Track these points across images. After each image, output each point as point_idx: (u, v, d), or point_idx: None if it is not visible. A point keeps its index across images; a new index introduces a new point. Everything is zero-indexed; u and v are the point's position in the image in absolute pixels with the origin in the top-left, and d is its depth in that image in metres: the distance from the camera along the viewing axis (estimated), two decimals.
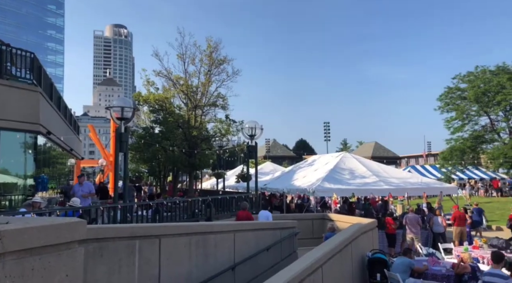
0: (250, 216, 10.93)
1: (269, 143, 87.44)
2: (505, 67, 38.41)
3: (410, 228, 13.84)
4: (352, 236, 8.62)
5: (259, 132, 12.79)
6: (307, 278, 6.17)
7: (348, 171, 16.14)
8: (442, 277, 8.26)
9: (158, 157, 20.67)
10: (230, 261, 7.50)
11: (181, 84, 19.22)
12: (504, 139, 39.36)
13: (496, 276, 6.18)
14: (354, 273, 8.43)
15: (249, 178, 13.82)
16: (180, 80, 19.41)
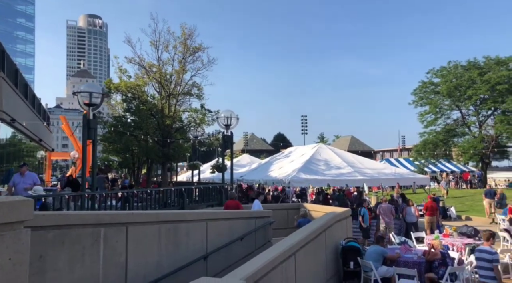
0: (239, 205, 10.99)
1: (247, 136, 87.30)
2: (476, 62, 39.51)
3: (384, 217, 14.03)
4: (326, 224, 8.59)
5: (234, 122, 12.60)
6: (279, 266, 6.08)
7: (323, 162, 16.20)
8: (414, 264, 8.36)
9: (131, 147, 20.15)
10: (203, 250, 7.34)
11: (154, 71, 18.72)
12: (474, 133, 40.62)
13: (485, 252, 6.95)
14: (328, 261, 8.42)
15: (225, 168, 13.64)
16: (153, 67, 18.90)
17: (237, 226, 8.77)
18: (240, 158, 27.64)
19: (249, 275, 5.14)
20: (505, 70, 36.66)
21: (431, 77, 42.48)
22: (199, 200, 11.37)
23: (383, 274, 8.37)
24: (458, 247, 10.29)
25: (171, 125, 17.98)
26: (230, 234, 8.33)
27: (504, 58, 38.18)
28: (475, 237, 11.05)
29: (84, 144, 8.53)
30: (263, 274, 5.55)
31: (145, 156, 20.05)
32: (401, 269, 8.10)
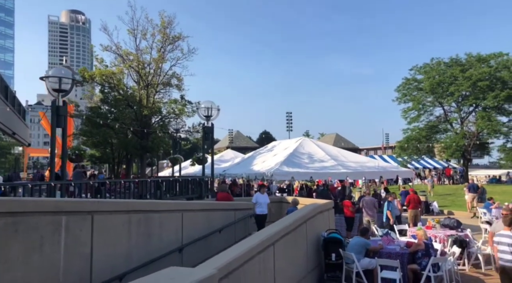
0: (230, 197, 10.89)
1: (232, 133, 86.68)
2: (458, 59, 39.95)
3: (367, 210, 13.88)
4: (308, 215, 8.34)
5: (215, 113, 12.24)
6: (256, 256, 5.77)
7: (307, 155, 15.98)
8: (396, 255, 8.18)
9: (110, 140, 19.48)
10: (178, 242, 7.00)
11: (130, 59, 18.11)
12: (456, 130, 41.10)
13: (506, 237, 6.86)
14: (309, 253, 8.16)
15: (205, 161, 13.27)
16: (130, 55, 18.28)
17: (215, 217, 8.45)
18: (224, 153, 27.25)
19: (223, 265, 4.83)
20: (486, 67, 37.15)
21: (414, 74, 42.81)
22: (178, 193, 10.98)
23: (366, 266, 8.16)
24: (440, 239, 10.18)
25: (149, 116, 17.41)
26: (207, 226, 8.01)
27: (485, 56, 38.70)
28: (458, 229, 10.96)
29: (53, 132, 8.04)
30: (239, 265, 5.24)
31: (123, 148, 19.43)
32: (384, 260, 7.90)
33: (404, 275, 7.97)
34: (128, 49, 18.49)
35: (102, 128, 17.38)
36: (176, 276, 3.90)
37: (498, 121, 37.43)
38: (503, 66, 36.90)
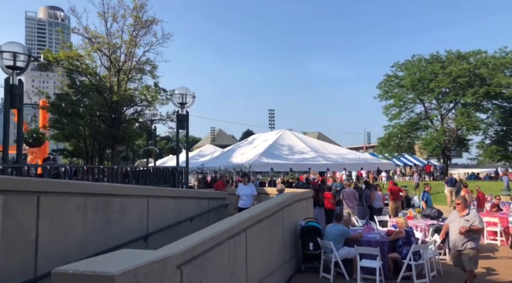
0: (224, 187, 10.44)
1: (214, 131, 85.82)
2: (438, 56, 40.41)
3: (347, 202, 13.57)
4: (284, 202, 7.90)
5: (190, 100, 11.68)
6: (226, 242, 5.30)
7: (287, 147, 15.58)
8: (376, 243, 7.83)
9: (83, 132, 18.53)
10: (142, 230, 6.46)
11: (99, 42, 17.28)
12: (436, 126, 41.55)
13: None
14: (285, 242, 7.72)
15: (179, 151, 12.69)
16: (98, 38, 17.44)
17: (186, 206, 7.93)
18: (203, 148, 26.62)
19: (186, 249, 4.34)
20: (466, 64, 37.61)
21: (396, 71, 43.13)
22: (149, 183, 10.36)
23: (345, 255, 7.78)
24: (422, 228, 9.92)
25: (120, 103, 16.60)
26: (177, 214, 7.48)
27: (464, 53, 39.23)
28: (439, 219, 10.75)
29: (6, 114, 7.31)
30: (205, 249, 4.76)
31: (92, 138, 18.52)
32: (363, 248, 7.53)
33: (384, 264, 7.62)
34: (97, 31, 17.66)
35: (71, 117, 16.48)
36: (126, 257, 3.41)
37: (477, 118, 38.00)
38: (482, 63, 37.46)
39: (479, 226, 6.81)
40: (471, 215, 6.95)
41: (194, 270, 4.50)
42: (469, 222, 6.83)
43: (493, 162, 43.52)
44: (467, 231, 6.77)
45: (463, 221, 6.94)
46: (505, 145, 40.15)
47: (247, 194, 9.78)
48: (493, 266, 8.72)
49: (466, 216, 6.97)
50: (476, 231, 6.83)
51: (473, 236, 6.82)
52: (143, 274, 3.19)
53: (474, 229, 6.76)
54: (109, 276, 2.77)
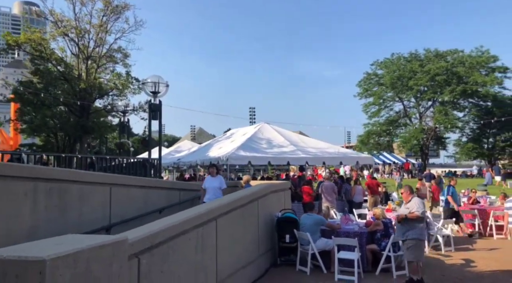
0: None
1: (194, 130, 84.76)
2: (417, 54, 40.90)
3: (326, 196, 13.34)
4: (259, 192, 7.53)
5: (163, 89, 11.17)
6: (193, 231, 4.89)
7: (265, 141, 15.24)
8: (355, 234, 7.54)
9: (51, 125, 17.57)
10: (104, 220, 5.97)
11: (64, 25, 16.42)
12: (415, 124, 42.04)
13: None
14: (261, 234, 7.35)
15: (152, 143, 12.12)
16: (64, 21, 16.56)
17: (155, 196, 7.46)
18: (181, 144, 26.00)
19: (145, 236, 3.92)
20: (444, 62, 38.16)
21: (375, 69, 43.42)
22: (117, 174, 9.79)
23: (322, 247, 7.46)
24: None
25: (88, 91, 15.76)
26: (144, 205, 7.01)
27: (442, 52, 39.81)
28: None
29: None
30: (168, 238, 4.34)
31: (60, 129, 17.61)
32: (341, 239, 7.23)
33: (362, 255, 7.34)
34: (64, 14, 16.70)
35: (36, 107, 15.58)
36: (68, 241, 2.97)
37: (454, 116, 38.62)
38: (459, 62, 38.08)
39: (417, 213, 6.41)
40: (411, 203, 6.61)
41: (155, 259, 4.08)
42: (408, 209, 6.54)
43: (469, 160, 44.37)
44: (402, 219, 6.49)
45: (404, 208, 6.73)
46: (481, 142, 40.98)
47: (214, 186, 8.46)
48: (471, 257, 8.62)
49: (408, 204, 6.69)
50: (416, 219, 6.43)
51: (414, 225, 6.44)
52: (86, 260, 2.75)
53: (410, 217, 6.41)
54: (39, 261, 2.33)
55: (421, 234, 6.51)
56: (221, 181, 8.69)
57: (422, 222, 6.54)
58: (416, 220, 6.43)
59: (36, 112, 16.44)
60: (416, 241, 6.42)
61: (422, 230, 6.51)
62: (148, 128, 11.21)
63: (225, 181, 9.13)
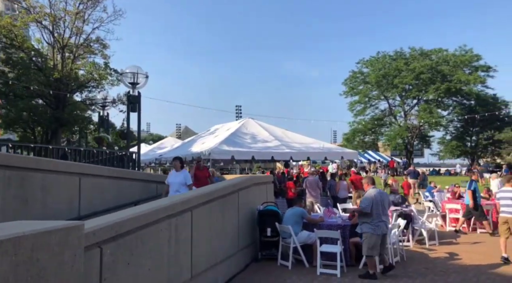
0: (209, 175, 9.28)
1: (180, 129, 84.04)
2: (402, 53, 41.17)
3: (310, 191, 13.15)
4: (240, 184, 7.25)
5: (143, 81, 10.79)
6: (165, 220, 4.60)
7: (250, 135, 14.97)
8: (338, 227, 7.33)
9: (27, 119, 16.85)
10: (73, 213, 5.61)
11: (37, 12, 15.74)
12: (400, 122, 42.34)
13: (508, 192, 7.63)
14: (241, 228, 7.07)
15: (131, 135, 11.71)
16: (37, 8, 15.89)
17: (130, 188, 7.11)
18: (164, 141, 25.57)
19: (108, 225, 3.61)
20: (428, 61, 38.50)
21: (361, 67, 43.60)
22: None
23: (304, 240, 7.23)
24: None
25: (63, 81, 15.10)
26: (118, 197, 6.65)
27: (427, 50, 40.15)
28: (402, 205, 10.48)
29: None
30: (136, 227, 4.04)
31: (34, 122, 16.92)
32: (323, 232, 7.00)
33: (345, 249, 7.13)
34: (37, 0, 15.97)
35: (8, 98, 14.88)
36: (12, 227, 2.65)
37: (439, 114, 39.01)
38: (443, 61, 38.46)
39: (360, 205, 6.48)
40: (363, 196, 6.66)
41: (121, 250, 3.76)
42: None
43: (453, 157, 44.92)
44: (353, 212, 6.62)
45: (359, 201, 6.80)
46: (464, 140, 41.49)
47: (178, 182, 7.57)
48: (455, 251, 8.56)
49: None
50: (365, 214, 6.41)
51: (364, 219, 6.44)
52: (29, 247, 2.44)
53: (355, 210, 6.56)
54: None
55: (373, 228, 6.34)
56: (185, 176, 7.79)
57: (371, 216, 6.37)
58: (365, 214, 6.41)
59: (10, 105, 15.76)
60: (368, 235, 6.36)
61: (375, 224, 6.35)
62: (127, 121, 10.81)
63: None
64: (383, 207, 6.51)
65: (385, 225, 6.46)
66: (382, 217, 6.43)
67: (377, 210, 6.38)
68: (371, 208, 6.36)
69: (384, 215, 6.52)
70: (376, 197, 6.49)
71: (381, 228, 6.37)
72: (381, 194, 6.67)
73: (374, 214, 6.37)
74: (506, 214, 7.51)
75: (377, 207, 6.40)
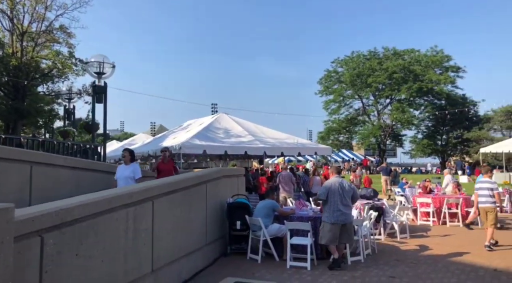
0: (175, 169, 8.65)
1: (154, 127, 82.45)
2: (376, 52, 41.81)
3: (283, 186, 13.00)
4: (209, 176, 6.96)
5: (109, 71, 10.31)
6: (122, 210, 4.27)
7: (223, 130, 14.68)
8: (309, 219, 7.15)
9: None
10: (22, 204, 5.16)
11: None
12: (373, 121, 42.99)
13: (486, 182, 8.05)
14: (209, 221, 6.78)
15: (96, 127, 11.17)
16: None
17: (90, 180, 6.70)
18: (136, 137, 24.91)
19: (52, 212, 3.28)
20: (401, 60, 39.24)
21: (336, 67, 44.00)
22: None
23: (275, 232, 7.00)
24: (357, 206, 9.49)
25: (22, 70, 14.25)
26: (76, 190, 6.23)
27: (399, 51, 40.92)
28: (374, 198, 10.44)
29: None
30: (87, 215, 3.70)
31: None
32: (294, 223, 6.80)
33: (316, 241, 6.95)
34: None
35: None
36: None
37: (411, 113, 39.81)
38: (415, 61, 39.28)
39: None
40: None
41: (67, 239, 3.42)
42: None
43: (424, 156, 45.95)
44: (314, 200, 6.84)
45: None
46: (435, 139, 42.51)
47: (125, 176, 6.89)
48: (426, 243, 8.56)
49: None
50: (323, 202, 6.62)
51: (323, 207, 6.65)
52: None
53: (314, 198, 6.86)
54: None
55: (327, 216, 6.41)
56: (134, 170, 7.10)
57: (327, 204, 6.48)
58: (323, 202, 6.54)
59: None
60: (323, 223, 6.45)
61: (329, 212, 6.40)
62: (92, 112, 10.29)
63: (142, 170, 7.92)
64: (342, 196, 6.44)
65: (343, 214, 6.38)
66: (340, 206, 6.38)
67: (333, 198, 6.39)
68: (327, 196, 6.41)
69: (343, 205, 6.44)
70: (333, 185, 6.50)
71: (336, 217, 6.34)
72: (341, 184, 6.57)
73: (329, 202, 6.41)
74: (483, 204, 7.88)
75: (333, 195, 6.40)
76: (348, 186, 6.66)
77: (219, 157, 19.25)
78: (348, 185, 6.71)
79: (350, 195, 6.58)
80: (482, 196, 7.99)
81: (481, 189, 8.05)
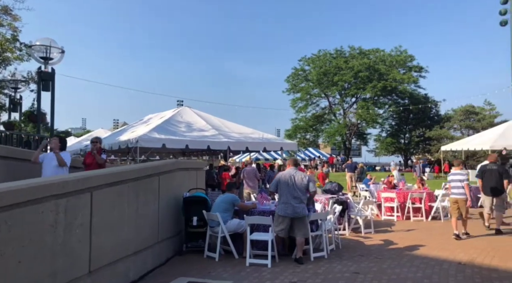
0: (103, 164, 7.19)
1: (117, 124, 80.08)
2: (342, 51, 42.25)
3: (248, 182, 12.58)
4: (161, 167, 6.38)
5: (58, 56, 9.46)
6: (50, 201, 3.67)
7: (185, 124, 14.04)
8: (270, 213, 6.73)
9: None
10: None
11: None
12: (339, 120, 43.44)
13: (458, 174, 8.29)
14: (161, 216, 6.21)
15: (43, 118, 10.23)
16: None
17: (27, 172, 5.96)
18: (94, 132, 23.73)
19: None
20: (366, 59, 39.84)
21: (303, 65, 44.11)
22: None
23: (234, 228, 6.53)
24: (321, 201, 9.22)
25: None
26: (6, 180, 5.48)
27: (365, 50, 41.55)
28: (339, 193, 10.22)
29: None
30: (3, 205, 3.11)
31: None
32: (254, 218, 6.37)
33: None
34: None
35: None
36: None
37: (375, 112, 40.52)
38: (380, 60, 40.00)
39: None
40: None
41: None
42: None
43: (388, 154, 46.97)
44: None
45: None
46: (398, 137, 43.51)
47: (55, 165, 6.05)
48: (390, 238, 8.43)
49: None
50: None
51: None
52: None
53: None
54: None
55: (278, 209, 6.26)
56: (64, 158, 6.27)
57: (279, 196, 6.43)
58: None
59: None
60: (275, 214, 6.32)
61: (280, 204, 6.27)
62: (37, 100, 9.39)
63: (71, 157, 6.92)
64: (292, 188, 6.14)
65: (291, 207, 6.08)
66: (289, 199, 6.11)
67: (282, 190, 6.19)
68: (277, 188, 6.29)
69: (294, 197, 6.12)
70: (283, 177, 6.27)
71: (284, 209, 6.11)
72: (293, 176, 6.23)
73: (279, 195, 6.27)
74: (455, 195, 8.17)
75: (283, 187, 6.18)
76: (302, 178, 6.26)
77: (181, 152, 18.55)
78: (302, 177, 6.30)
79: (303, 187, 6.21)
80: (454, 187, 8.24)
81: (453, 181, 8.29)
